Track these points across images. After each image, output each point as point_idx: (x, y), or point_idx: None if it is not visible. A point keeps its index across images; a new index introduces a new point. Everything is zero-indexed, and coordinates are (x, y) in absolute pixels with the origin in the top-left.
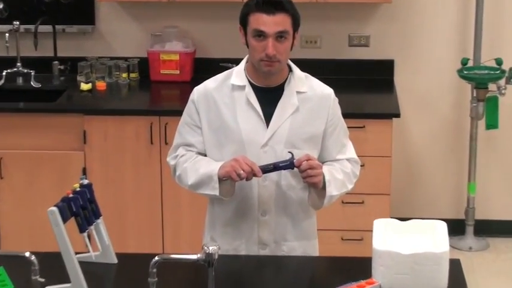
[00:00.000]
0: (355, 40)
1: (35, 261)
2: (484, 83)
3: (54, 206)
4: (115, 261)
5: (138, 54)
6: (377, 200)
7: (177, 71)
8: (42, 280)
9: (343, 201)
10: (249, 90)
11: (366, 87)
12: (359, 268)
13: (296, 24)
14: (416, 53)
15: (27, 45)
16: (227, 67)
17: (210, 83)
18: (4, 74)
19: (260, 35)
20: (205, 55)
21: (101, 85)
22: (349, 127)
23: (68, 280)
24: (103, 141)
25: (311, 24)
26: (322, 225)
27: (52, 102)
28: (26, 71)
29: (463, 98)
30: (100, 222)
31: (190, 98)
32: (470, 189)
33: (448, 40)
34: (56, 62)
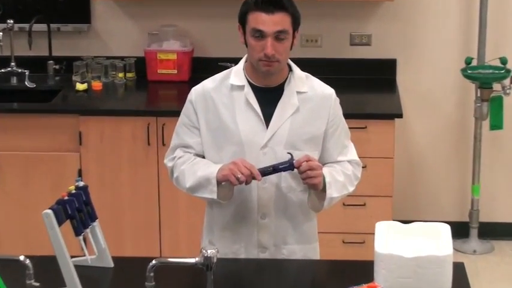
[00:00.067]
0: (357, 39)
1: (30, 265)
2: (488, 82)
3: (49, 208)
4: (111, 265)
5: (135, 54)
6: (379, 202)
7: (175, 71)
8: (37, 284)
9: (345, 204)
10: (248, 90)
11: (367, 87)
12: (361, 272)
13: (296, 23)
14: (419, 52)
15: (22, 45)
16: (226, 67)
17: (208, 83)
18: None
19: (259, 34)
20: (203, 54)
21: (96, 85)
22: (350, 128)
23: (64, 284)
24: (99, 142)
25: (311, 22)
26: (323, 228)
27: (47, 102)
28: (20, 70)
29: (467, 98)
30: (96, 225)
31: (188, 98)
32: (475, 191)
33: (451, 39)
34: (51, 61)
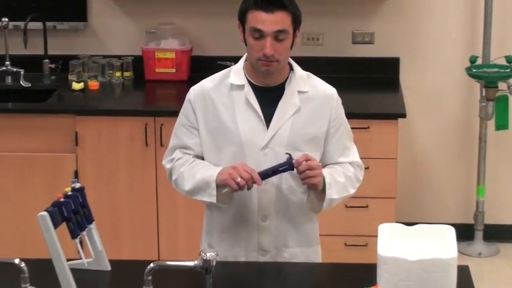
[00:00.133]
0: (359, 37)
1: (25, 268)
2: (493, 81)
3: (45, 210)
4: (108, 268)
5: (132, 52)
6: (382, 204)
7: (173, 70)
8: None
9: (347, 206)
10: (248, 89)
11: (370, 87)
12: (363, 275)
13: (297, 22)
14: (423, 50)
15: (17, 43)
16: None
17: (208, 83)
18: None
19: (258, 34)
20: (202, 53)
21: (93, 84)
22: (352, 128)
23: None
24: (96, 143)
25: (313, 20)
26: (325, 231)
27: (42, 102)
28: (15, 69)
29: (472, 97)
30: (93, 227)
31: (187, 98)
32: (480, 192)
33: (456, 37)
34: (47, 60)
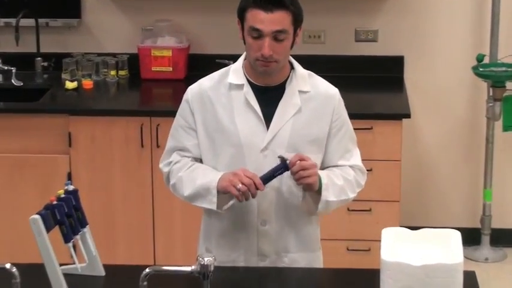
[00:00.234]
0: (362, 35)
1: (16, 273)
2: (501, 81)
3: (37, 213)
4: (103, 273)
5: (128, 50)
6: (385, 208)
7: (170, 68)
8: None
9: (349, 209)
10: (247, 89)
11: (373, 86)
12: (366, 281)
13: (297, 21)
14: (428, 48)
15: (8, 41)
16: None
17: (206, 82)
18: None
19: (256, 33)
20: (200, 51)
21: (87, 83)
22: (355, 129)
23: None
24: (90, 144)
25: (314, 17)
26: (327, 235)
27: (35, 101)
28: (6, 68)
29: (479, 97)
30: (86, 231)
31: (184, 98)
32: (486, 195)
33: (462, 35)
34: (39, 58)
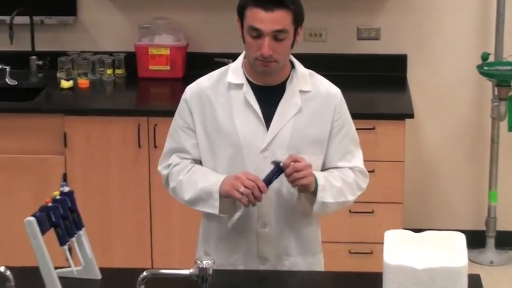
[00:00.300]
0: (364, 33)
1: (11, 276)
2: (506, 80)
3: (32, 215)
4: (99, 276)
5: (125, 49)
6: (388, 209)
7: (168, 67)
8: None
9: (351, 211)
10: (247, 89)
11: (376, 85)
12: (368, 284)
13: (298, 20)
14: (432, 46)
15: (2, 39)
16: (223, 63)
17: (204, 81)
18: None
19: (256, 32)
20: (198, 49)
21: (83, 82)
22: (357, 129)
23: None
24: (86, 145)
25: (315, 15)
26: (328, 238)
27: (29, 101)
28: (0, 66)
29: (484, 96)
30: (82, 233)
31: (183, 97)
32: (492, 197)
33: (466, 33)
34: (34, 57)
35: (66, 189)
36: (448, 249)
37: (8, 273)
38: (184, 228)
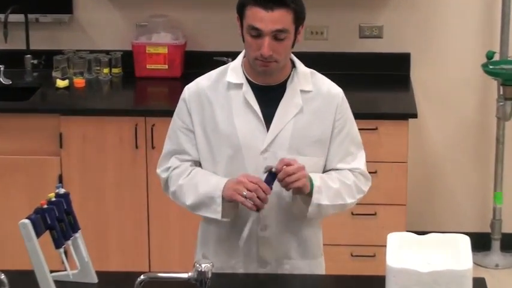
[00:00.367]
0: (367, 31)
1: (5, 280)
2: (511, 79)
3: (27, 218)
4: (95, 280)
5: (122, 47)
6: (391, 211)
7: (166, 66)
8: None
9: (353, 213)
10: (246, 88)
11: (378, 84)
12: None
13: (299, 19)
14: (436, 45)
15: None
16: (222, 62)
17: (203, 81)
18: None
19: (255, 32)
20: (197, 48)
21: (79, 82)
22: (360, 129)
23: None
24: (82, 145)
25: (317, 13)
26: (329, 240)
27: (24, 101)
28: None
29: (489, 96)
30: (78, 236)
31: (181, 97)
32: (497, 198)
33: (471, 31)
34: (29, 55)
35: (62, 190)
36: (452, 252)
37: (3, 276)
38: (182, 230)
